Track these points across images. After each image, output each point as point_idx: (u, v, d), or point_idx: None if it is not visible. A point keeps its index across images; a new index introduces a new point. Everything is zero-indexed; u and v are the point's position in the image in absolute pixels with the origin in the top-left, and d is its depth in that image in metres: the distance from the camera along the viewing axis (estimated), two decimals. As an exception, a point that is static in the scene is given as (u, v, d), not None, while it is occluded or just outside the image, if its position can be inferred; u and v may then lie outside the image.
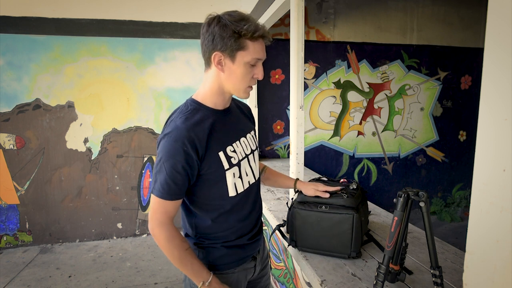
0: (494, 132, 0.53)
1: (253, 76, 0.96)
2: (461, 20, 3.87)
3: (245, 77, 0.95)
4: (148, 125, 3.40)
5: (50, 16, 3.07)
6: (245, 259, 1.08)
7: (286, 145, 3.68)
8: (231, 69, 0.93)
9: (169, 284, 2.54)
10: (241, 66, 0.92)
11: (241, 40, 0.89)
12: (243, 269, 1.08)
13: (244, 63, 0.92)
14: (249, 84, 0.97)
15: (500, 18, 0.51)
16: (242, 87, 0.96)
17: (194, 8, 3.30)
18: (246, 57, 0.91)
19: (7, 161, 3.15)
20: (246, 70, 0.93)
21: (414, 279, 1.15)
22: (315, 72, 3.62)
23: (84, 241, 3.38)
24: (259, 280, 1.20)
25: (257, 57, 0.92)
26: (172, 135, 0.90)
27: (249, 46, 0.91)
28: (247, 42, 0.90)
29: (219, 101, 1.00)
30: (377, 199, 3.91)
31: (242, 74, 0.93)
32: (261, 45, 0.93)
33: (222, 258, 1.03)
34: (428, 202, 0.91)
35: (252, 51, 0.91)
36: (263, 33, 0.91)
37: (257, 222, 1.12)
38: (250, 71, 0.94)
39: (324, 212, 1.24)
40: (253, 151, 1.10)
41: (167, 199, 0.92)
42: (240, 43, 0.90)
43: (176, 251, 0.94)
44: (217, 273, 1.02)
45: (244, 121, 1.13)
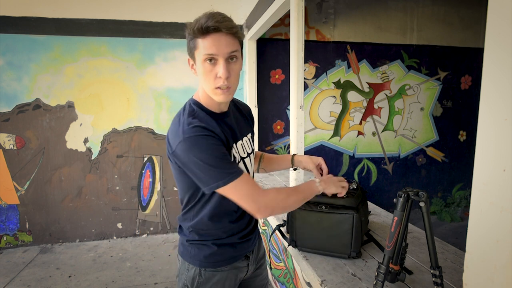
0: (494, 132, 0.53)
1: (216, 75, 0.90)
2: (461, 20, 3.87)
3: (206, 77, 0.91)
4: (148, 125, 3.40)
5: (50, 16, 3.07)
6: (236, 258, 1.08)
7: (286, 145, 3.68)
8: (198, 71, 0.94)
9: (169, 284, 2.54)
10: (200, 66, 0.90)
11: (194, 39, 0.89)
12: (234, 267, 1.08)
13: (201, 62, 0.89)
14: (214, 84, 0.91)
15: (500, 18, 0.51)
16: (208, 88, 0.93)
17: (194, 8, 3.30)
18: (199, 55, 0.89)
19: (7, 161, 3.15)
20: (204, 69, 0.90)
21: (414, 279, 1.15)
22: (315, 72, 3.62)
23: (84, 241, 3.38)
24: (253, 279, 1.19)
25: (206, 53, 0.87)
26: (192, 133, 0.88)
27: (199, 44, 0.88)
28: (197, 40, 0.88)
29: (212, 104, 0.99)
30: (377, 199, 3.91)
31: (202, 74, 0.91)
32: (213, 40, 0.86)
33: (213, 255, 1.03)
34: (428, 202, 0.92)
35: (202, 48, 0.88)
36: (208, 25, 0.85)
37: (249, 222, 1.11)
38: (211, 70, 0.89)
39: (324, 212, 1.24)
40: (249, 154, 1.10)
41: (241, 174, 0.89)
42: (194, 42, 0.89)
43: (289, 200, 0.95)
44: (208, 270, 1.03)
45: (242, 124, 1.11)
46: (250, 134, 1.15)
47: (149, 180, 3.47)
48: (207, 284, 1.04)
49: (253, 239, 1.14)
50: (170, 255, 3.04)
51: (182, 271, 1.07)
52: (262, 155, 1.33)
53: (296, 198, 0.97)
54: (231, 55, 0.90)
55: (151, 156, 3.45)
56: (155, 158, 3.45)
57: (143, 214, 3.49)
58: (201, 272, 1.03)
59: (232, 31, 0.88)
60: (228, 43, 0.88)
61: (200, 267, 1.03)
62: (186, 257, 1.06)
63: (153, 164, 3.46)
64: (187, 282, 1.05)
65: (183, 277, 1.06)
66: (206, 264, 1.03)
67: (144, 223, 3.49)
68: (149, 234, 3.51)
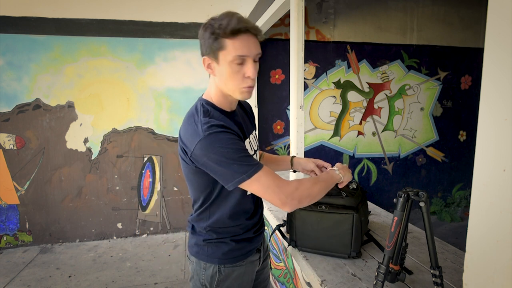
0: (494, 132, 0.53)
1: (244, 75, 0.91)
2: (461, 20, 3.87)
3: (234, 77, 0.91)
4: (148, 125, 3.40)
5: (50, 16, 3.07)
6: (251, 252, 1.10)
7: (286, 145, 3.68)
8: (218, 71, 0.93)
9: (169, 284, 2.54)
10: (226, 66, 0.90)
11: (219, 40, 0.87)
12: (250, 261, 1.11)
13: (228, 63, 0.89)
14: (241, 84, 0.92)
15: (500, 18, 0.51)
16: (233, 87, 0.93)
17: (194, 8, 3.30)
18: (228, 56, 0.88)
19: (7, 161, 3.15)
20: (232, 69, 0.90)
21: (414, 279, 1.15)
22: (315, 72, 3.62)
23: (84, 241, 3.38)
24: (261, 271, 1.23)
25: (238, 54, 0.87)
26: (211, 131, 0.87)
27: (227, 44, 0.87)
28: (225, 40, 0.87)
29: (225, 104, 1.01)
30: (377, 199, 3.91)
31: (228, 74, 0.91)
32: (243, 41, 0.87)
33: (232, 252, 1.05)
34: (428, 202, 0.92)
35: (231, 49, 0.87)
36: (240, 27, 0.85)
37: (260, 216, 1.16)
38: (238, 70, 0.90)
39: (324, 212, 1.24)
40: (255, 151, 1.12)
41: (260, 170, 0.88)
42: (219, 42, 0.88)
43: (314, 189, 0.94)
44: (227, 266, 1.05)
45: (247, 122, 1.14)
46: (254, 131, 1.17)
47: (149, 180, 3.47)
48: (227, 280, 1.06)
49: (263, 233, 1.18)
50: (170, 255, 3.04)
51: (198, 271, 1.06)
52: (262, 155, 1.35)
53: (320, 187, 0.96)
54: (257, 56, 0.92)
55: (151, 156, 3.45)
56: (155, 158, 3.45)
57: (143, 214, 3.49)
58: (221, 269, 1.05)
59: (259, 33, 0.91)
60: (256, 44, 0.91)
61: (219, 264, 1.04)
62: (201, 257, 1.06)
63: (153, 164, 3.46)
64: (205, 281, 1.05)
65: (200, 277, 1.06)
66: (225, 260, 1.05)
67: (144, 223, 3.49)
68: (149, 234, 3.51)
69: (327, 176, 1.02)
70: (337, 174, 1.04)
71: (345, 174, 1.06)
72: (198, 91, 3.40)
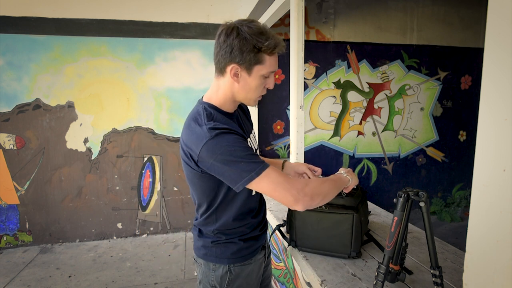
0: (494, 132, 0.53)
1: (264, 86, 0.99)
2: (461, 20, 3.87)
3: (258, 89, 0.98)
4: (148, 125, 3.40)
5: (50, 16, 3.07)
6: (257, 250, 1.12)
7: (286, 145, 3.68)
8: (246, 81, 0.96)
9: (169, 284, 2.54)
10: (257, 79, 0.96)
11: (259, 54, 0.92)
12: (257, 259, 1.12)
13: (260, 76, 0.95)
14: (261, 94, 1.01)
15: (500, 18, 0.51)
16: (254, 97, 1.00)
17: (194, 8, 3.30)
18: (262, 70, 0.94)
19: (7, 161, 3.15)
20: (260, 82, 0.97)
21: (414, 279, 1.15)
22: (315, 72, 3.62)
23: (84, 241, 3.38)
24: (266, 267, 1.25)
25: (272, 70, 0.96)
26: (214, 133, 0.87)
27: (266, 60, 0.94)
28: (265, 56, 0.93)
29: (230, 107, 1.04)
30: (377, 199, 3.91)
31: (256, 86, 0.97)
32: (276, 59, 0.97)
33: (240, 251, 1.06)
34: (428, 202, 0.91)
35: (268, 65, 0.95)
36: (281, 48, 0.95)
37: (264, 214, 1.19)
38: (263, 83, 0.98)
39: (324, 212, 1.24)
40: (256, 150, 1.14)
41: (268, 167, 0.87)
42: (259, 57, 0.92)
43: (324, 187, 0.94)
44: (237, 265, 1.06)
45: (247, 122, 1.16)
46: (253, 130, 1.20)
47: (149, 180, 3.47)
48: (237, 279, 1.07)
49: (267, 230, 1.21)
50: (170, 255, 3.04)
51: (207, 273, 1.06)
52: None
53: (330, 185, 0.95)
54: None
55: (151, 156, 3.45)
56: (155, 158, 3.45)
57: (143, 214, 3.49)
58: (231, 268, 1.05)
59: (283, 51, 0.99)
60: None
61: (229, 264, 1.05)
62: (210, 258, 1.06)
63: (153, 164, 3.46)
64: (215, 282, 1.05)
65: (210, 279, 1.06)
66: (234, 260, 1.06)
67: (144, 223, 3.49)
68: (149, 234, 3.51)
69: (335, 177, 1.03)
70: (344, 176, 1.05)
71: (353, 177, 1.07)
72: (198, 91, 3.40)
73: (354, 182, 1.07)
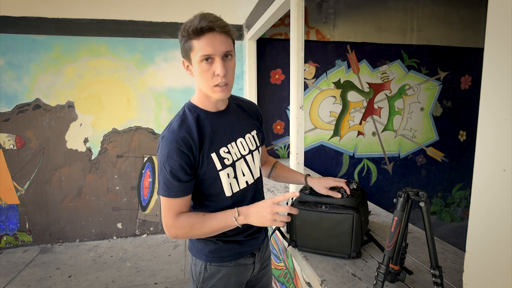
0: (494, 132, 0.53)
1: (213, 73, 0.92)
2: (461, 20, 3.87)
3: (204, 76, 0.92)
4: (148, 125, 3.40)
5: (50, 16, 3.07)
6: (242, 254, 1.10)
7: (286, 145, 3.68)
8: (194, 72, 0.95)
9: (169, 284, 2.54)
10: (196, 66, 0.92)
11: (188, 42, 0.90)
12: (240, 264, 1.10)
13: (198, 63, 0.91)
14: (212, 82, 0.93)
15: (500, 18, 0.50)
16: (206, 86, 0.95)
17: (194, 8, 3.29)
18: (196, 56, 0.90)
19: (7, 161, 3.15)
20: (201, 68, 0.91)
21: (414, 279, 1.15)
22: (315, 72, 3.62)
23: (84, 241, 3.38)
24: (260, 279, 1.22)
25: (203, 53, 0.88)
26: (168, 137, 0.94)
27: (194, 45, 0.89)
28: (192, 42, 0.89)
29: (208, 104, 1.02)
30: (377, 199, 3.91)
31: (199, 73, 0.93)
32: (207, 40, 0.88)
33: (219, 251, 1.06)
34: (428, 202, 0.91)
35: (198, 49, 0.89)
36: (202, 26, 0.86)
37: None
38: (208, 69, 0.91)
39: (324, 212, 1.24)
40: (251, 151, 1.11)
41: (172, 197, 0.95)
42: (189, 44, 0.90)
43: (201, 230, 0.97)
44: (213, 264, 1.06)
45: (245, 121, 1.12)
46: (255, 131, 1.15)
47: (149, 180, 3.47)
48: (212, 279, 1.06)
49: (260, 238, 1.16)
50: (170, 255, 3.04)
51: (191, 266, 1.11)
52: (276, 164, 1.36)
53: (203, 232, 0.97)
54: (226, 53, 0.92)
55: (151, 156, 3.45)
56: (155, 158, 3.45)
57: (143, 214, 3.49)
58: (207, 266, 1.06)
59: (225, 29, 0.90)
60: (222, 41, 0.90)
61: (205, 261, 1.06)
62: (193, 252, 1.09)
63: (153, 164, 3.46)
64: (195, 276, 1.08)
65: (192, 272, 1.10)
66: (211, 258, 1.06)
67: (144, 223, 3.49)
68: (149, 234, 3.51)
69: (221, 220, 0.96)
70: (233, 220, 0.95)
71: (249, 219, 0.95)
72: (198, 91, 3.39)
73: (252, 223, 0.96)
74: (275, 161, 1.37)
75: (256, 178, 1.13)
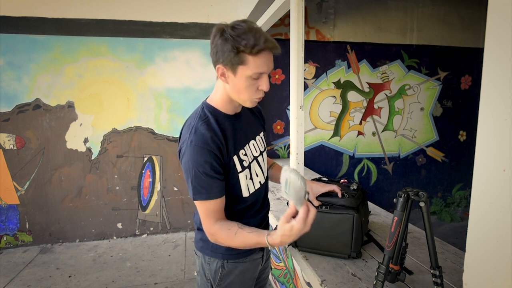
0: (494, 132, 0.53)
1: (258, 87, 0.95)
2: (461, 20, 3.87)
3: (248, 90, 0.94)
4: (148, 125, 3.40)
5: (50, 16, 3.07)
6: (255, 249, 1.13)
7: (286, 145, 3.68)
8: (233, 82, 0.94)
9: (169, 284, 2.54)
10: (243, 80, 0.92)
11: (240, 55, 0.88)
12: (252, 259, 1.13)
13: (246, 77, 0.91)
14: (254, 96, 0.96)
15: (500, 18, 0.51)
16: (246, 98, 0.96)
17: (194, 8, 3.30)
18: (247, 71, 0.90)
19: (7, 161, 3.15)
20: (248, 83, 0.92)
21: (414, 279, 1.15)
22: (315, 72, 3.62)
23: (84, 241, 3.38)
24: (262, 271, 1.26)
25: (258, 71, 0.90)
26: (198, 141, 0.93)
27: (249, 60, 0.89)
28: (247, 57, 0.88)
29: (229, 108, 1.03)
30: (377, 199, 3.91)
31: (244, 87, 0.93)
32: (264, 58, 0.90)
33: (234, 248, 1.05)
34: (428, 202, 0.91)
35: (252, 66, 0.89)
36: (264, 47, 0.87)
37: (265, 216, 1.20)
38: (254, 84, 0.93)
39: (324, 212, 1.24)
40: (261, 152, 1.15)
41: (212, 198, 0.95)
42: (240, 57, 0.88)
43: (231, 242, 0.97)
44: (230, 261, 1.08)
45: (254, 124, 1.16)
46: (262, 132, 1.20)
47: (149, 180, 3.47)
48: (230, 275, 1.08)
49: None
50: (170, 255, 3.04)
51: (203, 266, 1.10)
52: (273, 164, 1.37)
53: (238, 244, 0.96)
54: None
55: (151, 156, 3.45)
56: (155, 158, 3.45)
57: (143, 214, 3.49)
58: (224, 264, 1.08)
59: (278, 50, 0.93)
60: (272, 60, 0.93)
61: (222, 259, 1.07)
62: (206, 251, 1.09)
63: (153, 164, 3.46)
64: (209, 275, 1.09)
65: (205, 271, 1.10)
66: (228, 256, 1.07)
67: (144, 223, 3.49)
68: (149, 234, 3.51)
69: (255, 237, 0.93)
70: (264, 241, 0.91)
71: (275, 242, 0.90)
72: (198, 91, 3.40)
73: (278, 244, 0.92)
74: (272, 162, 1.39)
75: (266, 178, 1.18)
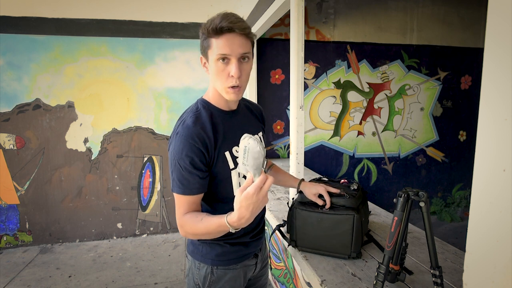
0: (494, 132, 0.53)
1: (228, 74, 0.91)
2: (461, 20, 3.87)
3: (219, 76, 0.92)
4: (148, 125, 3.40)
5: (50, 16, 3.07)
6: (247, 256, 1.10)
7: (286, 145, 3.68)
8: (210, 70, 0.95)
9: (169, 284, 2.54)
10: (213, 65, 0.92)
11: (207, 39, 0.90)
12: (244, 265, 1.10)
13: (214, 61, 0.91)
14: (226, 83, 0.92)
15: (500, 18, 0.50)
16: (220, 86, 0.94)
17: (194, 8, 3.30)
18: (213, 54, 0.90)
19: (7, 161, 3.15)
20: (217, 68, 0.91)
21: (414, 279, 1.15)
22: (315, 72, 3.62)
23: (84, 241, 3.38)
24: (259, 278, 1.23)
25: (220, 52, 0.88)
26: (183, 134, 0.92)
27: (213, 43, 0.89)
28: (211, 40, 0.89)
29: (222, 102, 1.02)
30: (377, 199, 3.91)
31: (215, 73, 0.92)
32: (226, 40, 0.88)
33: (226, 254, 1.05)
34: (428, 202, 0.91)
35: (215, 48, 0.89)
36: (223, 26, 0.86)
37: (260, 221, 1.15)
38: (224, 69, 0.91)
39: (324, 213, 1.24)
40: None
41: (187, 194, 0.93)
42: (208, 42, 0.91)
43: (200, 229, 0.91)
44: (220, 268, 1.05)
45: (253, 123, 1.15)
46: (261, 133, 1.18)
47: (149, 180, 3.47)
48: (219, 282, 1.05)
49: (262, 238, 1.18)
50: (170, 255, 3.04)
51: (193, 270, 1.07)
52: (272, 166, 1.36)
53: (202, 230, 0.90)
54: (243, 55, 0.91)
55: (151, 156, 3.45)
56: (155, 158, 3.45)
57: (143, 214, 3.49)
58: (213, 270, 1.05)
59: (245, 31, 0.90)
60: (241, 43, 0.90)
61: (212, 265, 1.04)
62: (196, 256, 1.06)
63: (153, 164, 3.46)
64: (198, 281, 1.06)
65: (194, 276, 1.07)
66: (218, 262, 1.05)
67: (144, 223, 3.49)
68: (149, 234, 3.51)
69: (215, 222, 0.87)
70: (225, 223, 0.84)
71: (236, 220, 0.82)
72: (198, 91, 3.40)
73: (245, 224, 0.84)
74: (271, 164, 1.37)
75: None
